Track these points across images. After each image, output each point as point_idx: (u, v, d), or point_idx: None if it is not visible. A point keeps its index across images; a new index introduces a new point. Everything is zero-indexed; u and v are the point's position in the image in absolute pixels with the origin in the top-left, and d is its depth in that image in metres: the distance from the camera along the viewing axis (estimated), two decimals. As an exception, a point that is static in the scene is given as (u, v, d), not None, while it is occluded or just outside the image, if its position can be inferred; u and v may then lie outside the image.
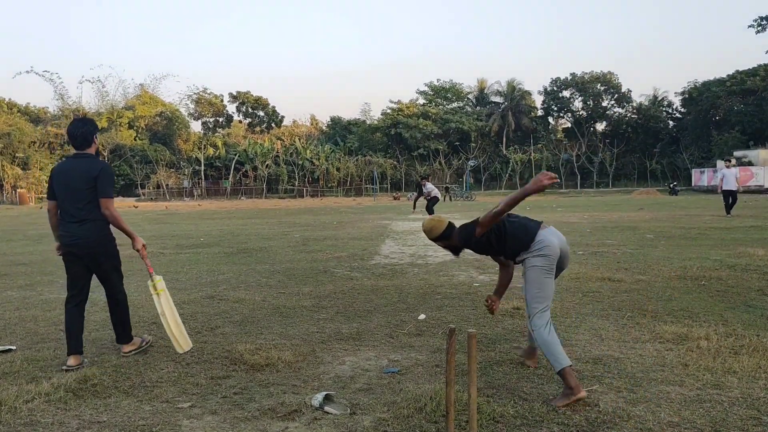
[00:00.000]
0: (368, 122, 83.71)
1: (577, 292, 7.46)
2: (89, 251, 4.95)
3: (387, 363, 4.79)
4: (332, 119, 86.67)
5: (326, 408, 3.83)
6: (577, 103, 79.53)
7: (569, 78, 78.23)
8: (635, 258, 10.47)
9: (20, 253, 13.44)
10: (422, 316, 6.32)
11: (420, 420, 3.58)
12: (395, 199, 54.95)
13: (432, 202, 22.53)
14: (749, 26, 58.76)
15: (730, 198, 20.92)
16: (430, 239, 4.51)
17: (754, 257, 10.17)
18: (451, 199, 48.80)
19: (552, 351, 3.85)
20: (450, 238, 4.41)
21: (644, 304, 6.66)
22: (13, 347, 5.34)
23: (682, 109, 75.55)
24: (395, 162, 74.88)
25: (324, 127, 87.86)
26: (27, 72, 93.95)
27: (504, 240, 4.21)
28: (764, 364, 4.38)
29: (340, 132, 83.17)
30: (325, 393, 3.98)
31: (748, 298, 6.93)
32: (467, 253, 11.76)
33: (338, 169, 74.02)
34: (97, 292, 8.11)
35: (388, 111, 78.49)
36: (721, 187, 20.95)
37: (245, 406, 3.91)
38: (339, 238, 15.33)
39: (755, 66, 66.17)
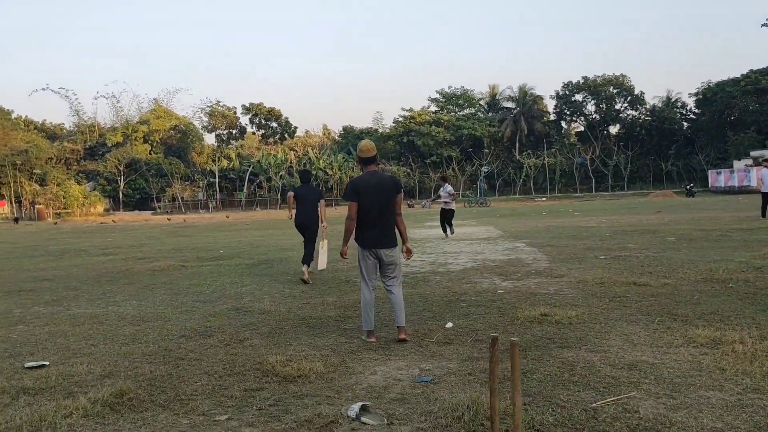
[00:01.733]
0: (380, 131, 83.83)
1: (604, 297, 7.41)
2: None
3: (419, 372, 4.78)
4: (344, 129, 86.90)
5: (363, 419, 3.82)
6: (590, 107, 79.18)
7: (581, 81, 77.91)
8: (659, 261, 10.38)
9: (43, 269, 13.58)
10: (449, 325, 6.30)
11: (459, 429, 3.57)
12: (410, 206, 54.95)
13: (448, 215, 17.82)
14: (763, 25, 58.36)
15: None
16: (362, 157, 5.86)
17: (780, 258, 10.04)
18: (465, 205, 48.73)
19: None
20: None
21: (673, 308, 6.60)
22: (47, 363, 5.39)
23: (697, 110, 74.92)
24: (408, 170, 74.87)
25: (336, 137, 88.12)
26: (43, 89, 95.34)
27: None
28: (803, 367, 4.33)
29: (352, 141, 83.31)
30: (361, 403, 3.98)
31: (778, 300, 6.84)
32: (489, 259, 11.63)
33: (351, 178, 74.17)
34: (124, 306, 8.19)
35: (400, 119, 78.60)
36: (761, 188, 19.32)
37: (282, 417, 3.91)
38: (356, 248, 15.33)
39: (770, 65, 65.55)
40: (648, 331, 5.66)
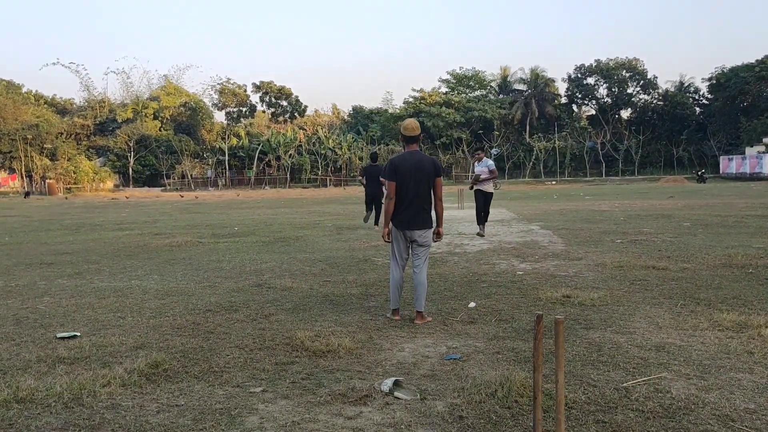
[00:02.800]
0: (390, 111, 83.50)
1: (624, 281, 7.44)
2: None
3: (446, 350, 4.84)
4: (354, 108, 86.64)
5: (396, 393, 3.89)
6: (602, 90, 78.64)
7: (593, 65, 77.31)
8: (676, 246, 10.39)
9: (61, 242, 13.70)
10: (472, 304, 6.35)
11: (493, 405, 3.62)
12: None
13: (486, 200, 12.62)
14: (780, 10, 57.42)
15: None
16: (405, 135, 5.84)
17: (798, 245, 10.03)
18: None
19: None
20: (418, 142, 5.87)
21: (695, 293, 6.62)
22: (78, 333, 5.48)
23: (710, 96, 74.27)
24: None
25: (346, 117, 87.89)
26: (53, 64, 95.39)
27: None
28: (832, 352, 4.36)
29: (362, 121, 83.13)
30: (394, 378, 4.04)
31: (800, 287, 6.85)
32: (505, 241, 11.65)
33: (361, 159, 74.06)
34: (146, 280, 8.28)
35: (411, 100, 78.25)
36: None
37: (316, 391, 3.98)
38: (372, 227, 15.40)
39: (786, 50, 64.75)
40: (672, 314, 5.69)
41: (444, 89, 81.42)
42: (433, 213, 5.93)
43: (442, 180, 5.95)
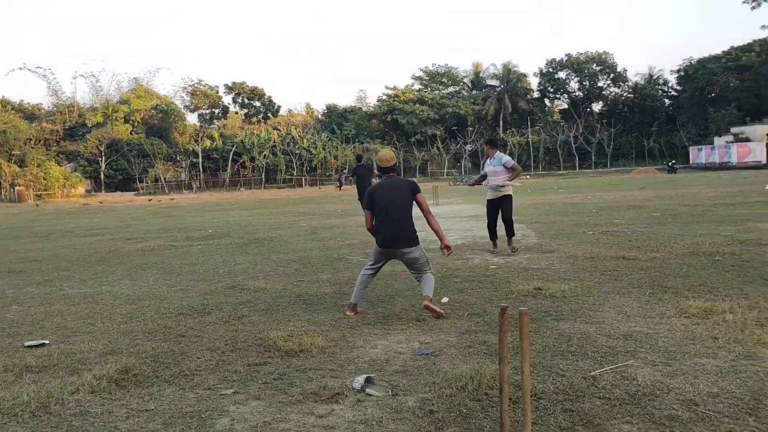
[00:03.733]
0: (364, 109, 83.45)
1: (595, 271, 7.54)
2: None
3: (419, 345, 4.87)
4: (328, 107, 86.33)
5: (368, 390, 3.90)
6: (573, 84, 79.38)
7: (564, 59, 78.00)
8: (646, 236, 10.55)
9: (31, 250, 13.48)
10: (445, 299, 6.39)
11: (463, 398, 3.66)
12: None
13: (503, 207, 9.88)
14: (743, 2, 58.56)
15: None
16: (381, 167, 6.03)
17: (763, 232, 10.25)
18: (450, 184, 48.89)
19: None
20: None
21: (663, 281, 6.74)
22: (47, 341, 5.40)
23: (678, 87, 75.40)
24: (393, 148, 74.77)
25: (320, 116, 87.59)
26: (20, 69, 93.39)
27: None
28: (793, 335, 4.46)
29: (336, 120, 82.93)
30: (365, 376, 4.06)
31: (764, 272, 7.00)
32: (478, 236, 11.72)
33: (336, 158, 73.94)
34: (117, 285, 8.19)
35: (384, 97, 78.20)
36: None
37: (287, 390, 3.98)
38: (347, 226, 15.38)
39: (750, 41, 65.96)
40: (640, 303, 5.78)
41: (417, 86, 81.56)
42: (423, 231, 6.04)
43: (422, 195, 6.02)
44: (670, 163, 54.31)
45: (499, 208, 9.79)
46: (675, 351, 4.30)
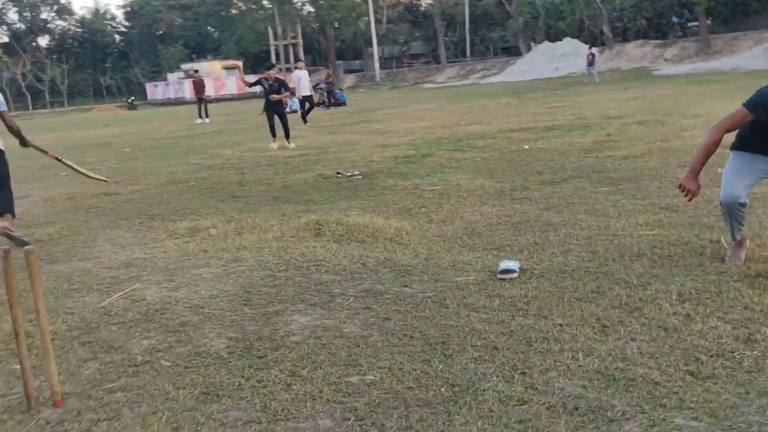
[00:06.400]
0: None
1: (78, 211, 7.36)
2: None
3: None
4: None
5: None
6: (12, 15, 71.30)
7: (-4, -15, 69.02)
8: (122, 171, 10.69)
9: None
10: None
11: None
12: None
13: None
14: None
15: (306, 104, 18.58)
16: None
17: (225, 157, 11.61)
18: None
19: None
20: None
21: (148, 210, 7.08)
22: None
23: (127, 23, 75.69)
24: None
25: None
26: None
27: None
28: (263, 237, 5.36)
29: None
30: None
31: (231, 191, 8.05)
32: None
33: None
34: None
35: None
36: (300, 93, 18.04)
37: None
38: None
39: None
40: (132, 233, 5.99)
41: None
42: None
43: None
44: (129, 100, 54.76)
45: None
46: (174, 268, 4.68)
